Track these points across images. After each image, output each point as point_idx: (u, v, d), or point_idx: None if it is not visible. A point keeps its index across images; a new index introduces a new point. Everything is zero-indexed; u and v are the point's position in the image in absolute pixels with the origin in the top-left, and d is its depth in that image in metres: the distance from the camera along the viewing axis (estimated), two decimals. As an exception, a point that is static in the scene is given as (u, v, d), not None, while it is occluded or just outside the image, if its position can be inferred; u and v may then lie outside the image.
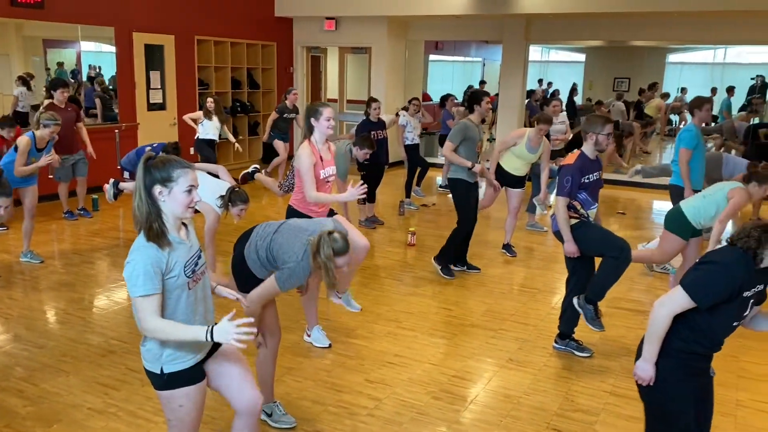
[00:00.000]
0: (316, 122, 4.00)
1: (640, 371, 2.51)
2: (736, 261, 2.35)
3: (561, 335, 4.42)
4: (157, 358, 2.43)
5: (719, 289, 2.34)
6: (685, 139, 5.66)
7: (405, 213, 8.34)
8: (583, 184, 4.05)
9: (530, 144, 6.30)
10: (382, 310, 5.03)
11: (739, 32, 9.85)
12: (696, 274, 2.41)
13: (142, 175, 2.34)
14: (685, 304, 2.38)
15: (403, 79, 12.04)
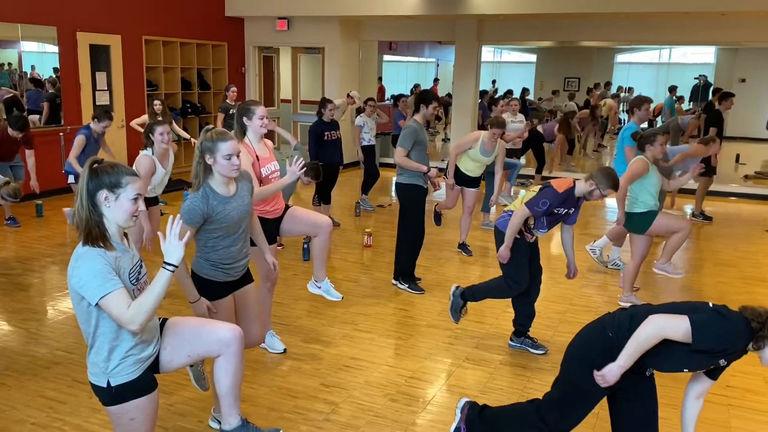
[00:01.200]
0: (248, 121, 3.90)
1: (609, 375, 2.53)
2: (745, 333, 2.39)
3: (516, 333, 4.46)
4: (103, 371, 2.35)
5: (719, 342, 2.40)
6: (628, 138, 5.80)
7: (361, 214, 8.30)
8: (552, 213, 4.07)
9: (484, 147, 6.35)
10: (338, 313, 4.98)
11: (683, 33, 10.15)
12: (708, 319, 2.42)
13: (86, 179, 2.26)
14: (680, 336, 2.41)
15: (357, 79, 12.00)
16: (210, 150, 2.92)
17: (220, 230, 3.02)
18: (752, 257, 6.79)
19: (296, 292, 5.39)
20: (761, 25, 9.61)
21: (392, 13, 10.13)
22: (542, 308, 4.65)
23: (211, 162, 2.94)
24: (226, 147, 2.91)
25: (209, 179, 2.98)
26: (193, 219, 2.92)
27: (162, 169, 5.08)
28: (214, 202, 2.96)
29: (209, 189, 2.97)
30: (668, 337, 2.43)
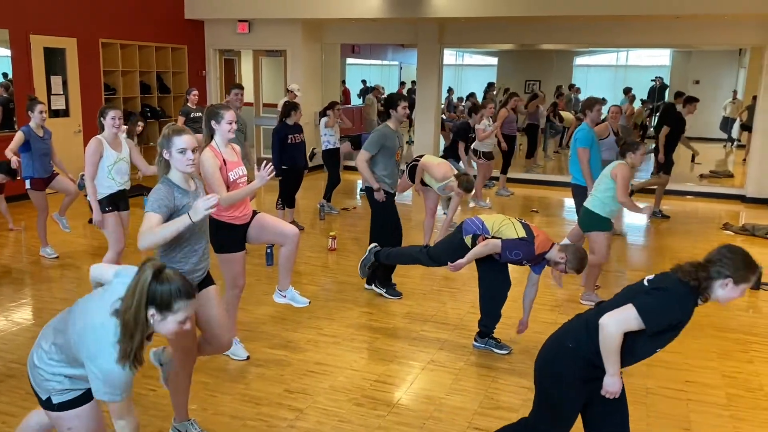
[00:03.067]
0: (217, 125, 3.84)
1: (610, 387, 2.53)
2: (688, 299, 2.42)
3: (480, 334, 4.48)
4: (47, 389, 2.30)
5: (668, 320, 2.42)
6: (580, 139, 5.91)
7: (325, 217, 8.26)
8: (512, 260, 4.11)
9: (444, 189, 6.43)
10: (303, 318, 4.93)
11: (639, 36, 10.38)
12: (651, 300, 2.44)
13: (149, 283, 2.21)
14: (635, 325, 2.42)
15: (320, 82, 11.95)
16: (165, 145, 2.91)
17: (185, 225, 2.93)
18: (708, 254, 6.94)
19: (260, 298, 5.32)
20: (713, 28, 9.88)
21: (354, 15, 10.12)
22: (505, 309, 4.66)
23: (168, 156, 2.91)
24: (181, 141, 2.88)
25: (169, 174, 2.95)
26: (161, 206, 2.86)
27: (113, 152, 5.01)
28: (177, 194, 2.92)
29: (170, 182, 2.94)
30: (626, 330, 2.44)
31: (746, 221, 8.34)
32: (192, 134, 2.96)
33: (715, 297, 2.44)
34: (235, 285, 4.02)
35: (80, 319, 2.26)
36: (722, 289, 2.41)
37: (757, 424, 3.57)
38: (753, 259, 2.43)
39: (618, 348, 2.46)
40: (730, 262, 2.38)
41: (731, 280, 2.38)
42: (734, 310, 5.33)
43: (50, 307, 5.01)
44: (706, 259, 2.45)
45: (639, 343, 2.49)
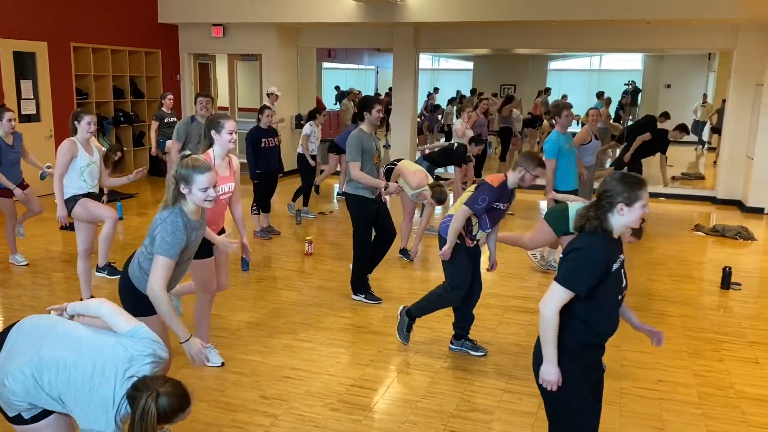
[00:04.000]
0: (217, 135, 3.83)
1: (546, 375, 2.50)
2: (594, 242, 2.46)
3: (456, 336, 4.50)
4: (16, 408, 2.26)
5: (590, 272, 2.42)
6: (547, 150, 5.95)
7: (302, 222, 8.23)
8: (492, 208, 4.12)
9: (418, 196, 6.45)
10: (279, 323, 4.90)
11: (611, 40, 10.52)
12: (566, 265, 2.48)
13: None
14: (565, 297, 2.43)
15: (296, 86, 11.92)
16: (185, 180, 2.85)
17: (186, 254, 2.99)
18: (680, 255, 7.07)
19: (234, 303, 5.28)
20: (684, 33, 10.05)
21: (329, 20, 10.12)
22: (481, 310, 4.70)
23: (186, 192, 2.87)
24: (203, 180, 2.86)
25: (183, 205, 2.90)
26: (178, 253, 2.85)
27: (87, 154, 5.04)
28: (191, 230, 2.91)
29: (185, 217, 2.89)
30: (559, 306, 2.43)
31: (717, 222, 8.50)
32: (214, 170, 2.92)
33: (620, 227, 2.48)
34: (206, 290, 3.98)
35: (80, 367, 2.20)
36: (620, 216, 2.45)
37: (727, 421, 3.63)
38: (634, 176, 2.50)
39: (555, 332, 2.45)
40: (614, 189, 2.44)
41: (623, 204, 2.43)
42: (705, 310, 5.42)
43: (20, 315, 4.91)
44: (596, 197, 2.51)
45: (587, 309, 2.47)
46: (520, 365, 4.26)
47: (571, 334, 2.50)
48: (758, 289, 5.99)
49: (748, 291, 5.90)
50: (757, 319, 5.22)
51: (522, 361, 4.32)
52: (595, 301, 2.46)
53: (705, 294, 5.84)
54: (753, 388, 4.02)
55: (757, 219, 9.05)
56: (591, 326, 2.50)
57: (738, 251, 7.37)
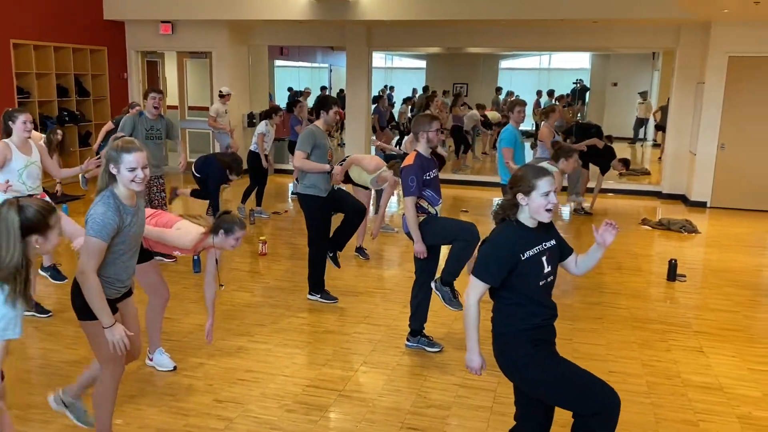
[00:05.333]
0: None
1: (469, 362, 2.63)
2: (502, 232, 2.59)
3: (412, 333, 4.51)
4: None
5: (497, 263, 2.53)
6: (505, 139, 6.09)
7: (256, 222, 8.12)
8: (425, 181, 4.17)
9: (376, 181, 6.44)
10: (232, 325, 4.83)
11: (559, 40, 10.74)
12: (479, 257, 2.61)
13: None
14: (480, 289, 2.56)
15: (248, 84, 11.77)
16: (114, 160, 2.78)
17: (124, 244, 2.86)
18: (628, 249, 7.26)
19: (187, 306, 5.17)
20: (629, 33, 10.33)
21: (280, 17, 10.01)
22: (436, 307, 4.72)
23: (115, 172, 2.79)
24: (130, 159, 2.77)
25: (115, 188, 2.82)
26: (109, 233, 2.75)
27: (23, 156, 4.79)
28: (124, 213, 2.81)
29: (117, 200, 2.81)
30: (478, 297, 2.56)
31: (662, 216, 8.76)
32: (143, 151, 2.83)
33: (527, 215, 2.58)
34: (156, 294, 3.89)
35: None
36: (524, 203, 2.56)
37: (674, 409, 3.74)
38: (539, 167, 2.66)
39: (475, 321, 2.57)
40: (522, 179, 2.57)
41: (522, 194, 2.56)
42: (653, 301, 5.58)
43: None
44: (509, 187, 2.64)
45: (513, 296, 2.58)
46: (475, 360, 4.29)
47: (508, 323, 2.61)
48: (702, 281, 6.20)
49: (692, 282, 6.10)
50: (702, 310, 5.40)
51: (477, 356, 4.36)
52: (516, 289, 2.56)
53: (652, 286, 6.01)
54: (698, 377, 4.15)
55: (701, 212, 9.37)
56: (522, 313, 2.58)
57: (683, 244, 7.62)
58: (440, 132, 4.27)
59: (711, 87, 9.37)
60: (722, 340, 4.75)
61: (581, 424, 2.60)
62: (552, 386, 2.58)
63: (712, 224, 8.67)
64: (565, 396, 2.59)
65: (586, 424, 2.58)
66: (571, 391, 2.58)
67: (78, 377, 3.30)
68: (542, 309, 2.61)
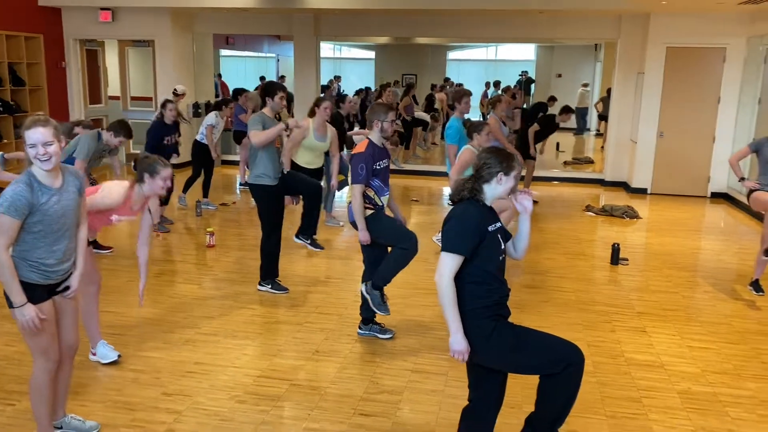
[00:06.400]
0: (150, 179, 3.51)
1: (455, 345, 2.57)
2: (467, 207, 2.67)
3: (364, 321, 4.51)
4: None
5: (470, 233, 2.59)
6: (449, 137, 6.12)
7: (203, 213, 7.96)
8: (375, 170, 4.16)
9: (317, 133, 6.33)
10: (180, 318, 4.72)
11: (506, 30, 10.86)
12: (447, 234, 2.64)
13: None
14: (454, 263, 2.57)
15: (192, 74, 11.50)
16: (23, 137, 2.71)
17: (41, 225, 2.74)
18: (573, 234, 7.44)
19: (131, 299, 5.03)
20: (573, 24, 10.55)
21: (224, 5, 9.80)
22: (387, 294, 4.73)
23: (25, 150, 2.71)
24: (29, 135, 2.68)
25: (32, 167, 2.73)
26: (19, 210, 2.65)
27: None
28: (39, 192, 2.70)
29: (33, 178, 2.71)
30: (451, 273, 2.57)
31: (605, 203, 9.00)
32: (49, 126, 2.70)
33: (493, 196, 2.70)
34: (89, 281, 3.73)
35: None
36: (499, 185, 2.68)
37: (618, 387, 3.85)
38: (506, 151, 2.79)
39: (454, 300, 2.56)
40: (493, 160, 2.68)
41: (502, 173, 2.67)
42: (597, 284, 5.73)
43: None
44: (474, 170, 2.72)
45: (475, 272, 2.61)
46: (426, 345, 4.33)
47: (470, 300, 2.62)
48: (644, 264, 6.40)
49: (634, 265, 6.29)
50: (644, 291, 5.58)
51: (428, 341, 4.40)
52: (479, 266, 2.61)
53: (596, 270, 6.18)
54: (641, 355, 4.29)
55: (641, 199, 9.68)
56: (483, 291, 2.62)
57: (625, 229, 7.85)
58: (394, 123, 4.27)
59: (650, 77, 9.67)
60: (663, 320, 4.92)
61: (550, 384, 2.69)
62: (520, 354, 2.65)
63: (653, 210, 8.96)
64: (534, 361, 2.67)
65: (555, 381, 2.66)
66: (539, 354, 2.66)
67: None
68: (501, 286, 2.70)
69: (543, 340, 2.71)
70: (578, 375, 2.66)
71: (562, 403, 2.71)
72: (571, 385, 2.67)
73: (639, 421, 3.47)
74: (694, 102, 9.65)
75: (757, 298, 5.42)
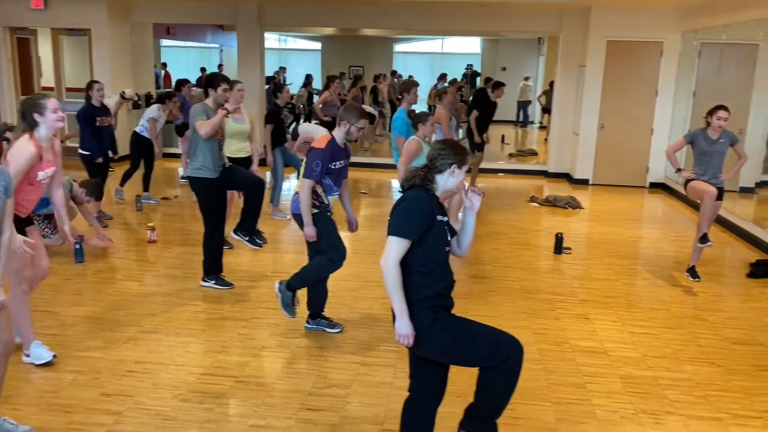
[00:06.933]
0: (41, 117, 3.47)
1: (400, 329, 2.57)
2: (417, 193, 2.68)
3: (311, 315, 4.45)
4: None
5: (418, 218, 2.60)
6: (396, 128, 6.09)
7: (143, 208, 7.72)
8: (329, 169, 4.08)
9: (234, 116, 6.00)
10: (120, 315, 4.56)
11: (452, 22, 10.89)
12: (395, 218, 2.64)
13: None
14: (401, 246, 2.57)
15: (131, 64, 11.13)
16: None
17: None
18: (518, 225, 7.56)
19: (69, 297, 4.84)
20: (516, 17, 10.66)
21: (165, -7, 9.52)
22: (336, 287, 4.69)
23: None
24: None
25: None
26: None
27: None
28: None
29: None
30: (397, 258, 2.56)
31: (549, 194, 9.18)
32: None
33: (446, 188, 2.71)
34: (20, 279, 3.56)
35: None
36: (452, 177, 2.70)
37: (563, 373, 3.93)
38: (459, 144, 2.82)
39: (399, 284, 2.55)
40: (448, 152, 2.70)
41: (456, 165, 2.69)
42: (541, 273, 5.83)
43: None
44: (429, 160, 2.72)
45: (421, 261, 2.61)
46: (375, 338, 4.31)
47: (414, 291, 2.61)
48: (586, 252, 6.56)
49: (577, 254, 6.43)
50: (586, 279, 5.71)
51: (377, 333, 4.38)
52: (425, 255, 2.60)
53: (541, 259, 6.29)
54: (584, 341, 4.39)
55: (584, 189, 9.91)
56: (427, 281, 2.62)
57: (568, 219, 8.03)
58: (362, 130, 4.19)
59: (591, 70, 9.89)
60: (605, 306, 5.05)
61: (489, 376, 2.69)
62: (460, 346, 2.65)
63: (594, 200, 9.19)
64: (474, 353, 2.67)
65: (494, 373, 2.67)
66: (479, 347, 2.66)
67: None
68: (446, 276, 2.70)
69: (483, 333, 2.72)
70: (517, 367, 2.68)
71: (501, 395, 2.73)
72: (510, 377, 2.68)
73: (583, 407, 3.54)
74: (633, 95, 9.93)
75: (693, 284, 5.62)
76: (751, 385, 3.84)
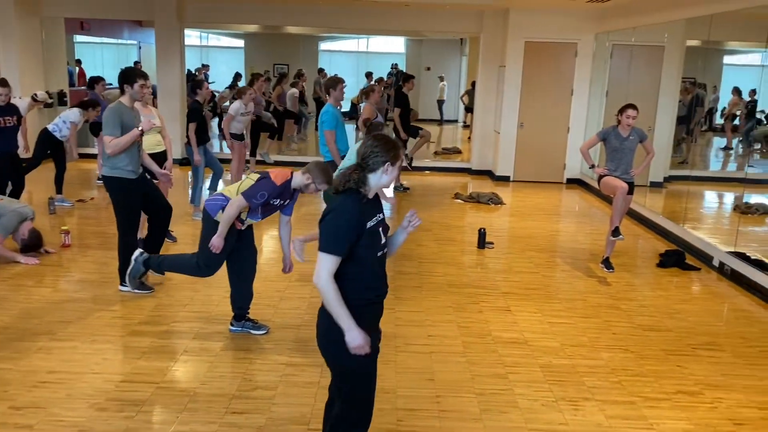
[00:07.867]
0: None
1: (352, 342, 2.45)
2: (346, 201, 2.53)
3: (236, 317, 4.37)
4: None
5: (346, 231, 2.47)
6: (326, 122, 6.07)
7: (56, 211, 7.36)
8: (270, 205, 4.01)
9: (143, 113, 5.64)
10: (31, 324, 4.33)
11: (375, 21, 10.94)
12: (324, 232, 2.51)
13: None
14: (331, 263, 2.45)
15: (41, 61, 10.58)
16: None
17: None
18: (443, 221, 7.68)
19: (-26, 308, 4.56)
20: (438, 17, 10.83)
21: (76, -14, 9.10)
22: (262, 288, 4.63)
23: None
24: None
25: None
26: None
27: None
28: None
29: None
30: (330, 272, 2.46)
31: (473, 190, 9.38)
32: None
33: (377, 186, 2.61)
34: None
35: None
36: (385, 175, 2.59)
37: (487, 365, 4.02)
38: (390, 138, 2.69)
39: (337, 296, 2.46)
40: (380, 149, 2.57)
41: (389, 163, 2.58)
42: (465, 268, 5.95)
43: None
44: (360, 158, 2.59)
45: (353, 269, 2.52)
46: (302, 338, 4.28)
47: (346, 297, 2.50)
48: (508, 246, 6.74)
49: (499, 248, 6.60)
50: (508, 273, 5.87)
51: (304, 333, 4.35)
52: (357, 259, 2.52)
53: (465, 254, 6.42)
54: (506, 333, 4.51)
55: (505, 186, 10.18)
56: (358, 287, 2.55)
57: (491, 214, 8.23)
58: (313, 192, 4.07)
59: (511, 70, 10.17)
60: (526, 298, 5.21)
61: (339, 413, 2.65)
62: (351, 379, 2.61)
63: (515, 196, 9.47)
64: (353, 394, 2.63)
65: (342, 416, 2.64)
66: (360, 395, 2.63)
67: None
68: (378, 283, 2.63)
69: (371, 392, 2.66)
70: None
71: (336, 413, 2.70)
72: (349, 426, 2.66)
73: (506, 396, 3.64)
74: (550, 94, 10.28)
75: (607, 274, 5.88)
76: (661, 369, 4.06)
